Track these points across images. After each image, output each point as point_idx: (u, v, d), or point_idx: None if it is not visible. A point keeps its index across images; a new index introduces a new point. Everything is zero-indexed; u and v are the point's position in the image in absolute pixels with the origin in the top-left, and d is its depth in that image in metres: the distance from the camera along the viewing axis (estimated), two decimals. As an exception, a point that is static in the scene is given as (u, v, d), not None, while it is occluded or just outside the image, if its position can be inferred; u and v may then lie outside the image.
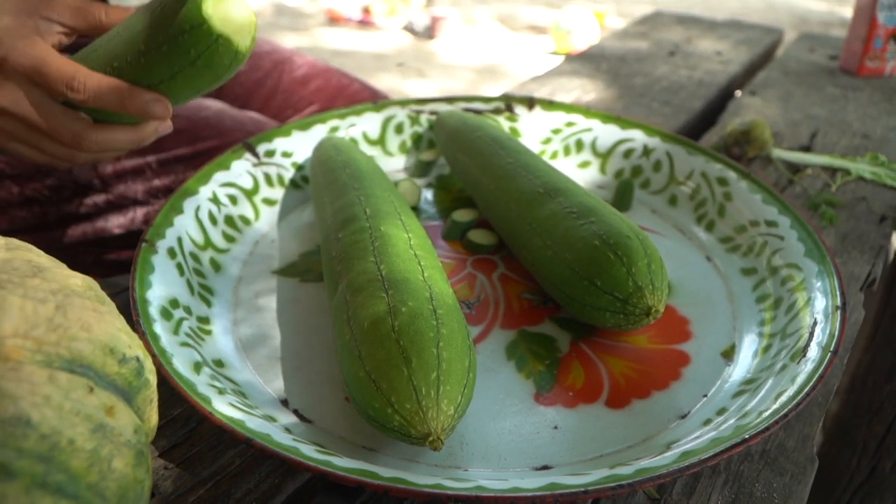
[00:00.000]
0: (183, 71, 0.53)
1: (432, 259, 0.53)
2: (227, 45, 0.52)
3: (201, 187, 0.65)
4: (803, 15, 5.02)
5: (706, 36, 1.37)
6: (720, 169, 0.71)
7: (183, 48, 0.52)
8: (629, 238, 0.53)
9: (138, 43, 0.53)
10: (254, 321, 0.58)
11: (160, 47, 0.52)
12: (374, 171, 0.65)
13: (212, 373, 0.49)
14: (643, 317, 0.51)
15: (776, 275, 0.60)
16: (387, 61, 3.82)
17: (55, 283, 0.37)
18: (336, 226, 0.57)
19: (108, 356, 0.35)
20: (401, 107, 0.81)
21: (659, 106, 1.03)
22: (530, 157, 0.67)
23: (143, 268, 0.55)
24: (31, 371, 0.32)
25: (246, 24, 0.52)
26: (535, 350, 0.55)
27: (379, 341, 0.44)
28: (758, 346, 0.55)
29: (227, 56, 0.53)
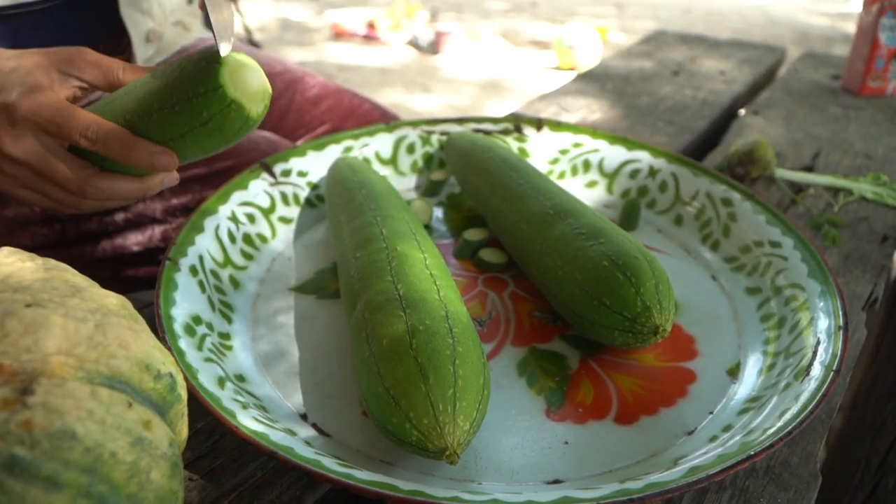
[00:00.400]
0: (193, 132, 0.53)
1: (447, 278, 0.55)
2: (238, 111, 0.52)
3: (221, 206, 0.67)
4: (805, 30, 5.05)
5: (709, 55, 1.39)
6: (724, 190, 0.73)
7: (195, 110, 0.52)
8: (637, 259, 0.55)
9: (152, 101, 0.54)
10: (272, 337, 0.60)
11: (173, 107, 0.53)
12: (389, 192, 0.67)
13: (235, 387, 0.51)
14: (651, 336, 0.53)
15: (780, 294, 0.62)
16: (391, 76, 3.85)
17: (93, 303, 0.39)
18: (353, 245, 0.59)
19: (144, 373, 0.37)
20: (412, 127, 0.83)
21: (664, 125, 1.05)
22: (540, 178, 0.69)
23: (168, 285, 0.57)
24: (75, 387, 0.34)
25: (259, 92, 0.53)
26: (546, 367, 0.57)
27: (398, 359, 0.46)
28: (762, 365, 0.56)
29: (238, 121, 0.53)
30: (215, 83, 0.51)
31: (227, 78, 0.51)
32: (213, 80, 0.51)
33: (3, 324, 0.34)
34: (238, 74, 0.51)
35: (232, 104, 0.51)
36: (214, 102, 0.51)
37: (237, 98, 0.51)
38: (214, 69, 0.51)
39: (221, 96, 0.51)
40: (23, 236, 0.78)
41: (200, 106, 0.52)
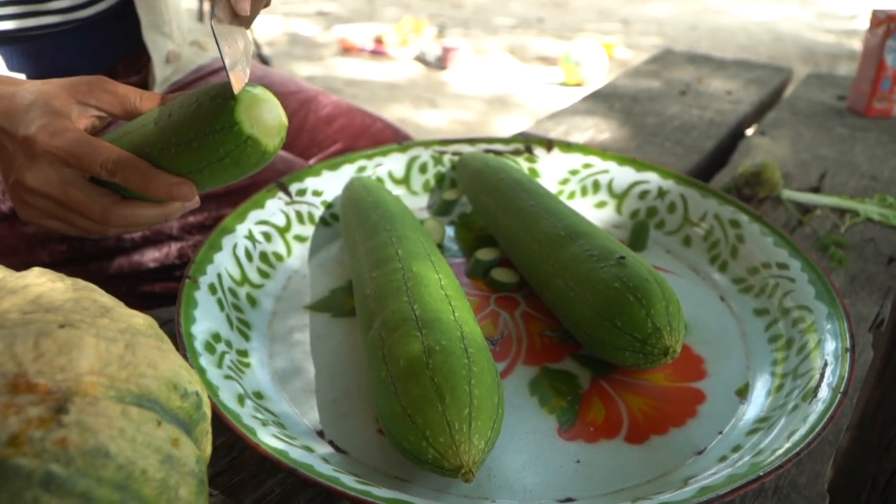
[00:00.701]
0: (210, 166, 0.54)
1: (461, 299, 0.56)
2: (255, 146, 0.53)
3: (238, 225, 0.69)
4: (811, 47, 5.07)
5: (716, 75, 1.41)
6: (733, 211, 0.74)
7: (212, 147, 0.53)
8: (648, 281, 0.56)
9: (170, 135, 0.55)
10: (289, 354, 0.61)
11: (190, 142, 0.53)
12: (403, 212, 0.68)
13: (254, 405, 0.52)
14: (661, 356, 0.54)
15: (788, 316, 0.63)
16: (399, 91, 3.88)
17: (122, 323, 0.40)
18: (369, 265, 0.60)
19: (172, 391, 0.38)
20: (425, 147, 0.85)
21: (672, 146, 1.07)
22: (551, 199, 0.70)
23: (188, 303, 0.58)
24: (107, 406, 0.35)
25: (276, 127, 0.53)
26: (557, 386, 0.58)
27: (415, 378, 0.47)
28: (771, 386, 0.57)
29: (254, 156, 0.53)
30: (231, 121, 0.51)
31: (243, 115, 0.51)
32: (229, 118, 0.51)
33: (38, 344, 0.35)
34: (254, 110, 0.52)
35: (248, 140, 0.52)
36: (231, 139, 0.52)
37: (253, 134, 0.52)
38: (230, 106, 0.51)
39: (237, 133, 0.51)
40: (42, 252, 0.80)
41: (217, 143, 0.52)
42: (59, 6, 0.79)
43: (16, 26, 0.77)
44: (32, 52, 0.79)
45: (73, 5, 0.81)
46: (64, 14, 0.80)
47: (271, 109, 0.53)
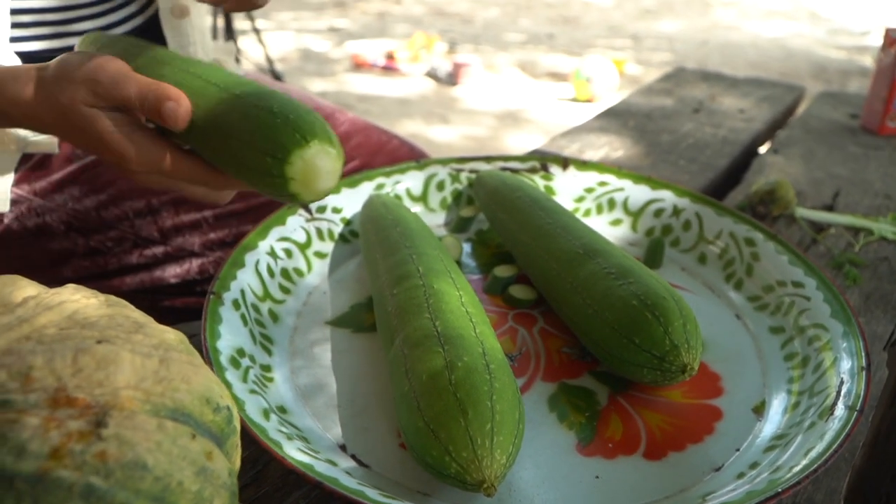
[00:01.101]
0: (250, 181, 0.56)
1: (481, 315, 0.57)
2: (295, 199, 0.55)
3: (260, 242, 0.70)
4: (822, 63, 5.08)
5: (729, 93, 1.42)
6: (747, 230, 0.75)
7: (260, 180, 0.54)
8: (665, 299, 0.57)
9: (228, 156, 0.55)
10: (310, 370, 0.62)
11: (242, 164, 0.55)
12: (422, 230, 0.69)
13: (278, 419, 0.53)
14: (679, 374, 0.55)
15: (803, 334, 0.63)
16: (410, 107, 3.90)
17: (155, 339, 0.41)
18: (390, 282, 0.61)
19: (205, 406, 0.39)
20: (442, 165, 0.86)
21: (685, 163, 1.08)
22: (568, 217, 0.71)
23: (213, 319, 0.59)
24: (144, 419, 0.36)
25: (323, 192, 0.54)
26: (576, 402, 0.59)
27: (437, 394, 0.48)
28: (787, 403, 0.58)
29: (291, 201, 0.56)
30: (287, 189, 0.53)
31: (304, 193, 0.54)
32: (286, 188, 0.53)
33: (76, 359, 0.37)
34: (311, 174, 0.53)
35: (294, 196, 0.54)
36: (277, 187, 0.54)
37: (299, 193, 0.54)
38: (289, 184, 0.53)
39: (284, 188, 0.53)
40: (65, 268, 0.81)
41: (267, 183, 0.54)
42: (85, 27, 0.81)
43: (43, 47, 0.79)
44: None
45: (97, 27, 0.82)
46: (90, 35, 0.81)
47: (328, 174, 0.54)
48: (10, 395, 0.35)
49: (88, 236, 0.80)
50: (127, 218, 0.80)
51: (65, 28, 0.80)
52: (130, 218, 0.80)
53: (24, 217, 0.79)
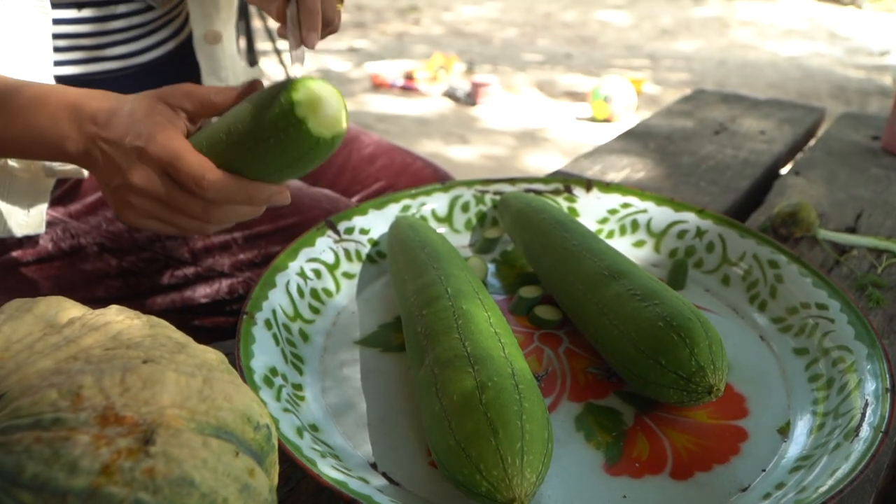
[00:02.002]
0: (294, 164, 0.59)
1: (509, 336, 0.58)
2: (328, 144, 0.57)
3: (290, 262, 0.71)
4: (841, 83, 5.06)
5: (749, 114, 1.43)
6: (771, 252, 0.75)
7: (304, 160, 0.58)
8: (691, 321, 0.57)
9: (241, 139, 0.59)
10: (340, 389, 0.63)
11: (261, 142, 0.58)
12: (450, 251, 0.71)
13: (311, 437, 0.54)
14: (705, 394, 0.56)
15: (828, 356, 0.64)
16: (429, 127, 3.93)
17: (197, 359, 0.42)
18: (419, 303, 0.62)
19: (246, 424, 0.40)
20: (467, 187, 0.87)
21: (707, 185, 1.08)
22: (593, 239, 0.72)
23: (246, 339, 0.60)
24: (189, 437, 0.37)
25: (336, 118, 0.57)
26: (602, 422, 0.60)
27: (468, 413, 0.49)
28: (812, 424, 0.59)
29: (326, 149, 0.58)
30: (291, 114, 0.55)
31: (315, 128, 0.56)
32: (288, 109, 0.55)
33: (123, 379, 0.38)
34: (319, 115, 0.56)
35: (319, 141, 0.56)
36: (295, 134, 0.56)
37: (322, 135, 0.56)
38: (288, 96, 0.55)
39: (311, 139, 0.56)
40: (98, 288, 0.83)
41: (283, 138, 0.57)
42: (118, 52, 0.83)
43: (77, 72, 0.81)
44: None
45: (131, 52, 0.85)
46: (122, 60, 0.84)
47: (331, 100, 0.56)
48: (62, 414, 0.36)
49: (121, 257, 0.82)
50: (158, 239, 0.82)
51: (99, 53, 0.82)
52: (162, 239, 0.82)
53: (59, 238, 0.81)
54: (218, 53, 0.90)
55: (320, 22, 0.64)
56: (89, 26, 0.80)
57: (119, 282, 0.83)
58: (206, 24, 0.88)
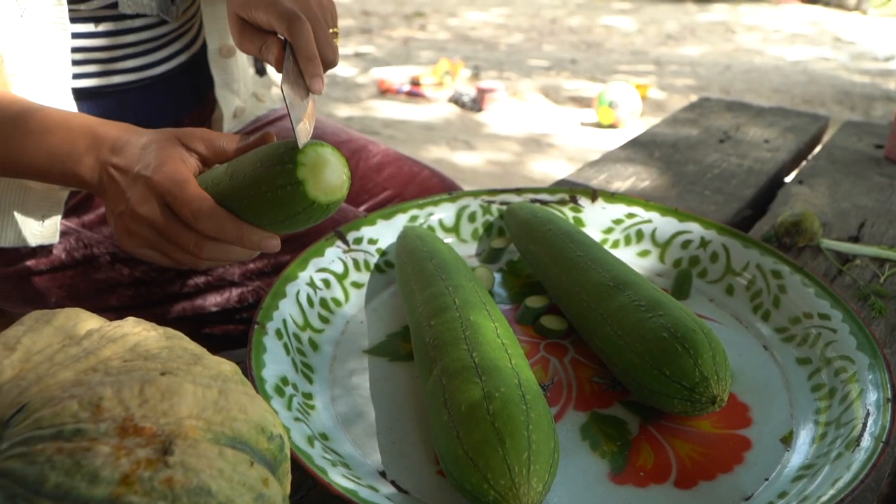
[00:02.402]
0: (281, 220, 0.60)
1: (516, 347, 0.59)
2: (318, 205, 0.58)
3: (300, 272, 0.73)
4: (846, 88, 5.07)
5: (754, 123, 1.43)
6: (774, 262, 0.76)
7: (281, 202, 0.58)
8: (695, 332, 0.58)
9: (245, 189, 0.60)
10: (349, 397, 0.64)
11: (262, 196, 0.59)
12: (457, 262, 0.72)
13: (322, 446, 0.55)
14: (709, 405, 0.57)
15: (830, 366, 0.65)
16: (435, 132, 3.94)
17: (213, 370, 0.44)
18: (427, 314, 0.63)
19: (260, 434, 0.42)
20: (473, 197, 0.88)
21: (711, 194, 1.09)
22: (598, 250, 0.73)
23: (258, 348, 0.62)
24: (206, 447, 0.38)
25: (339, 185, 0.58)
26: (608, 431, 0.61)
27: (476, 423, 0.50)
28: (814, 434, 0.60)
29: (318, 212, 0.59)
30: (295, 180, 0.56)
31: (308, 174, 0.56)
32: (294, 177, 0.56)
33: (142, 391, 0.39)
34: (318, 170, 0.57)
35: (314, 202, 0.57)
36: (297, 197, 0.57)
37: (317, 195, 0.57)
38: (294, 166, 0.56)
39: (302, 193, 0.57)
40: (110, 297, 0.84)
41: (285, 199, 0.58)
42: (131, 65, 0.85)
43: (93, 84, 0.83)
44: (108, 106, 0.84)
45: (144, 65, 0.86)
46: (136, 73, 0.85)
47: (334, 169, 0.57)
48: (83, 425, 0.38)
49: (133, 267, 0.83)
50: (170, 249, 0.83)
51: (112, 66, 0.84)
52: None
53: (73, 248, 0.82)
54: (231, 66, 0.91)
55: (321, 66, 0.64)
56: (104, 40, 0.81)
57: (131, 291, 0.84)
58: (220, 39, 0.90)
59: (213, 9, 0.89)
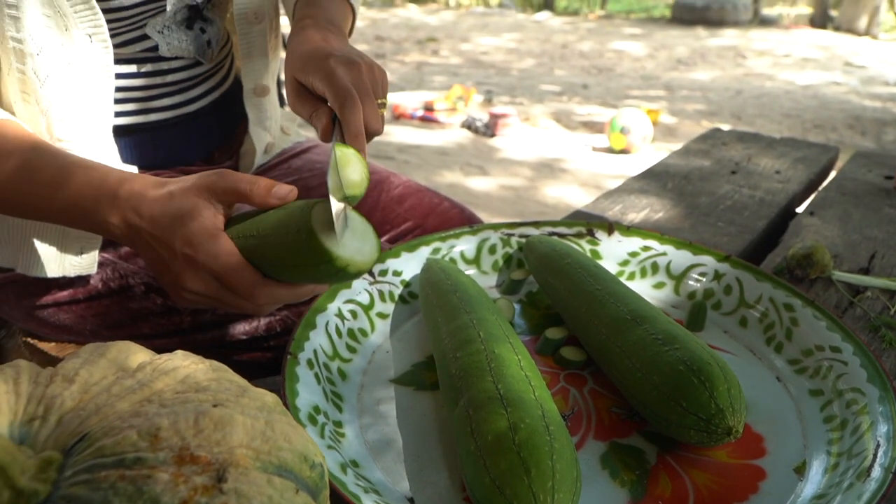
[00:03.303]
0: (318, 279, 0.65)
1: (538, 378, 0.62)
2: (353, 270, 0.61)
3: (329, 304, 0.76)
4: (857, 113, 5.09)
5: (765, 154, 1.46)
6: (786, 295, 0.79)
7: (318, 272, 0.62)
8: (710, 365, 0.61)
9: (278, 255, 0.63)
10: (378, 426, 0.67)
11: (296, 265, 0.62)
12: (480, 295, 0.75)
13: (354, 473, 0.58)
14: (724, 436, 0.59)
15: (841, 398, 0.67)
16: (448, 157, 3.99)
17: (258, 401, 0.46)
18: (453, 346, 0.66)
19: (304, 463, 0.44)
20: (494, 230, 0.91)
21: (724, 225, 1.12)
22: (615, 283, 0.76)
23: (291, 378, 0.64)
24: (256, 476, 0.41)
25: (370, 258, 0.62)
26: (626, 461, 0.63)
27: (502, 453, 0.53)
28: (827, 464, 0.62)
29: (353, 274, 0.62)
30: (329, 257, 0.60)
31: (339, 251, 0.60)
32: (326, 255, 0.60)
33: (197, 421, 0.42)
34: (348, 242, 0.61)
35: (347, 267, 0.60)
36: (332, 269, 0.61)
37: (350, 265, 0.60)
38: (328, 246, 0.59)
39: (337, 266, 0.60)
40: (144, 325, 0.87)
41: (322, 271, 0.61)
42: (168, 103, 0.89)
43: (130, 122, 0.87)
44: (142, 142, 0.88)
45: (179, 103, 0.90)
46: (171, 111, 0.89)
47: (365, 240, 0.61)
48: (142, 454, 0.40)
49: (166, 296, 0.86)
50: (202, 279, 0.86)
51: (149, 104, 0.87)
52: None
53: (109, 278, 0.86)
54: (265, 104, 0.95)
55: (365, 143, 0.68)
56: (143, 80, 0.85)
57: (164, 319, 0.87)
58: (255, 79, 0.94)
59: (250, 51, 0.92)
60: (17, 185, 0.69)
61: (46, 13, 0.72)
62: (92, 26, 0.75)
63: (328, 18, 0.82)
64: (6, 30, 0.71)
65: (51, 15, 0.72)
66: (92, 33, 0.75)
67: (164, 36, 0.85)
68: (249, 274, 0.64)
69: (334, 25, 0.81)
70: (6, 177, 0.68)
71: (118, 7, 0.77)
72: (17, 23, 0.70)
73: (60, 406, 0.45)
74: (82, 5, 0.73)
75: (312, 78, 0.71)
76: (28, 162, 0.68)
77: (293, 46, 0.76)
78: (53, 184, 0.68)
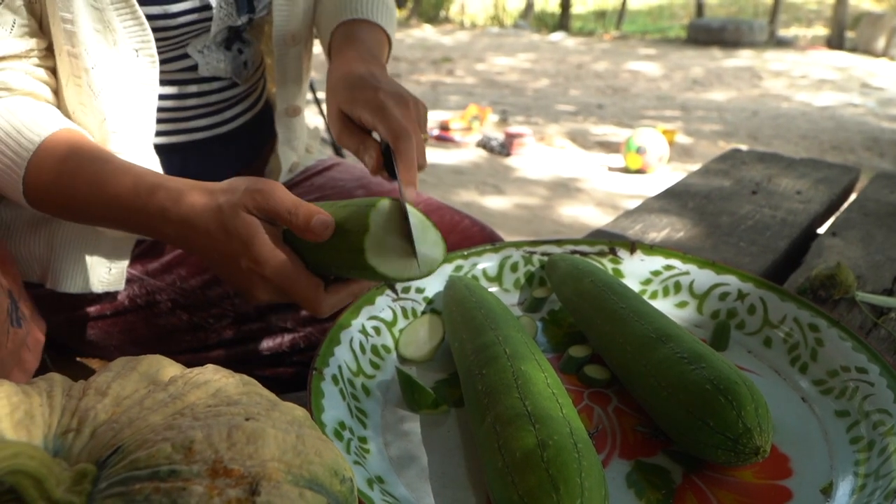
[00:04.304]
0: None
1: (565, 396, 0.62)
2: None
3: (353, 320, 0.76)
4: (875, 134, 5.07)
5: (786, 174, 1.46)
6: (811, 315, 0.79)
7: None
8: (738, 384, 0.61)
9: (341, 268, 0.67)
10: (401, 442, 0.67)
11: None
12: (504, 312, 0.75)
13: (380, 489, 0.58)
14: (752, 455, 0.59)
15: (868, 418, 0.67)
16: (464, 176, 4.00)
17: (288, 415, 0.47)
18: (479, 363, 0.66)
19: (334, 477, 0.45)
20: (516, 248, 0.92)
21: (746, 245, 1.12)
22: (639, 302, 0.76)
23: (317, 394, 0.65)
24: (288, 489, 0.41)
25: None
26: (652, 480, 0.63)
27: (531, 470, 0.53)
28: (854, 485, 0.61)
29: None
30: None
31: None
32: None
33: (230, 435, 0.42)
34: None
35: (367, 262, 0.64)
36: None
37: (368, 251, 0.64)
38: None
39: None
40: (170, 341, 0.88)
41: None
42: (202, 124, 0.90)
43: (164, 141, 0.88)
44: (173, 161, 0.89)
45: (212, 124, 0.91)
46: (204, 131, 0.91)
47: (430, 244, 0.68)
48: (176, 466, 0.41)
49: (192, 312, 0.87)
50: (228, 297, 0.87)
51: (183, 125, 0.89)
52: (231, 297, 0.87)
53: (136, 295, 0.87)
54: (295, 124, 0.96)
55: (416, 175, 0.70)
56: (178, 101, 0.87)
57: (189, 335, 0.88)
58: (288, 100, 0.95)
59: (284, 72, 0.94)
60: (86, 195, 0.70)
61: (97, 28, 0.73)
62: (140, 41, 0.76)
63: (369, 49, 0.83)
64: (63, 44, 0.72)
65: (101, 30, 0.73)
66: (139, 48, 0.76)
67: (204, 55, 0.86)
68: (314, 287, 0.66)
69: (374, 57, 0.82)
70: (77, 190, 0.70)
71: (165, 27, 0.79)
72: (72, 38, 0.72)
73: (94, 419, 0.45)
74: (132, 20, 0.74)
75: (361, 111, 0.72)
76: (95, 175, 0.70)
77: (336, 78, 0.77)
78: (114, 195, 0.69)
